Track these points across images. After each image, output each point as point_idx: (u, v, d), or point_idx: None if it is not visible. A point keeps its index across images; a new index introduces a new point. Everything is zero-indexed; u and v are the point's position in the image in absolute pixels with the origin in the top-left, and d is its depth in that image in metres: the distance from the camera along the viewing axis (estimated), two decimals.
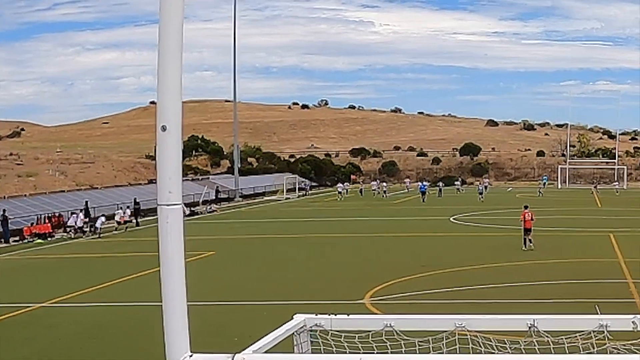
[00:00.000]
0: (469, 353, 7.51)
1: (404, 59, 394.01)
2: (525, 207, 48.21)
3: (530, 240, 45.12)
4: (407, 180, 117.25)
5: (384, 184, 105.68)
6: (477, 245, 46.29)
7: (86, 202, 66.06)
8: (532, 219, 46.25)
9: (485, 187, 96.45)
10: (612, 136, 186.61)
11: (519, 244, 45.70)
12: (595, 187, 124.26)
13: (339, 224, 62.21)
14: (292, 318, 8.02)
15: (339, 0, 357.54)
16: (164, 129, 5.58)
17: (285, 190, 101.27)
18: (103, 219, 61.88)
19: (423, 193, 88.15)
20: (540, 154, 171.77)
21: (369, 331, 8.11)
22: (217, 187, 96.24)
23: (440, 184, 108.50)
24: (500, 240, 48.85)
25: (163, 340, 5.79)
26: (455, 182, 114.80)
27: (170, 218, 5.69)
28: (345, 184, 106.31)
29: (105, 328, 24.71)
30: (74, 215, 60.37)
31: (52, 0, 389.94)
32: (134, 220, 64.54)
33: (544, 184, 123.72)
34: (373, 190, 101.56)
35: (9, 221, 56.09)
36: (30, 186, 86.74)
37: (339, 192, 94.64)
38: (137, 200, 67.46)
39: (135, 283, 33.54)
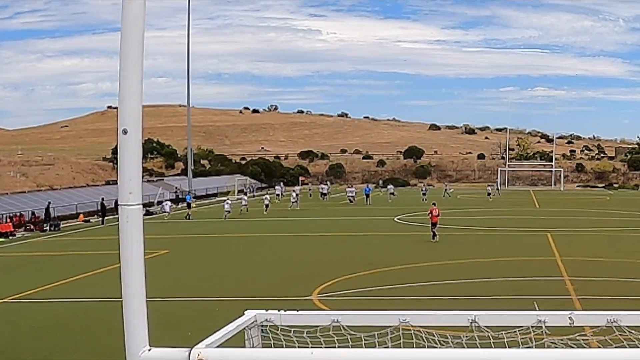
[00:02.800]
0: (413, 347, 7.61)
1: (350, 66, 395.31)
2: (434, 204, 51.52)
3: (435, 233, 48.22)
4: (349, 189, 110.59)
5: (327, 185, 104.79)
6: (420, 244, 46.46)
7: (48, 202, 65.77)
8: (438, 215, 49.75)
9: (425, 192, 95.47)
10: (549, 140, 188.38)
11: (460, 242, 46.08)
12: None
13: (287, 224, 62.19)
14: (243, 314, 8.04)
15: (287, 10, 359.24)
16: (125, 132, 5.62)
17: (236, 191, 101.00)
18: (169, 202, 71.53)
19: (367, 196, 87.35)
20: (481, 156, 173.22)
21: (317, 326, 8.17)
22: (176, 188, 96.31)
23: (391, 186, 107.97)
24: (441, 239, 49.15)
25: (123, 334, 5.84)
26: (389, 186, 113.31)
27: (130, 217, 5.73)
28: (296, 187, 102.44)
29: (65, 323, 24.62)
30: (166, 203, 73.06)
31: (14, 10, 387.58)
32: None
33: (498, 188, 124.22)
34: (322, 192, 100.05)
35: None
36: None
37: (277, 195, 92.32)
38: (104, 201, 66.59)
39: (96, 279, 33.34)
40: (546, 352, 6.01)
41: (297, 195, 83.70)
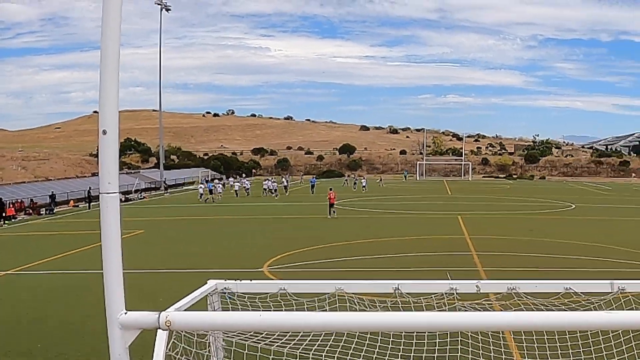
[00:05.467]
0: (347, 310, 7.67)
1: (294, 77, 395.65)
2: (330, 189, 55.77)
3: (333, 211, 52.31)
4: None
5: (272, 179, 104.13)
6: (354, 225, 46.52)
7: (52, 192, 66.53)
8: (334, 197, 53.91)
9: (360, 183, 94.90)
10: (459, 138, 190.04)
11: (385, 223, 46.27)
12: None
13: (244, 208, 62.01)
14: (206, 283, 8.09)
15: (242, 31, 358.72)
16: (104, 132, 5.61)
17: (200, 181, 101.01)
18: (221, 185, 73.95)
19: (312, 186, 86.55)
20: (403, 152, 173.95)
21: (267, 293, 8.23)
22: (152, 181, 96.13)
23: (347, 177, 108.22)
24: (371, 221, 49.30)
25: (104, 300, 5.83)
26: (348, 176, 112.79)
27: (109, 203, 5.71)
28: (246, 179, 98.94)
29: (57, 291, 24.47)
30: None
31: (15, 31, 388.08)
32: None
33: (405, 176, 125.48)
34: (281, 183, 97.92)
35: None
36: None
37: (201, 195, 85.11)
38: (91, 190, 66.19)
39: (83, 255, 33.04)
40: (457, 314, 6.07)
41: (250, 185, 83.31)
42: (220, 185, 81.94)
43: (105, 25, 5.58)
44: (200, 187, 76.80)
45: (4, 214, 54.14)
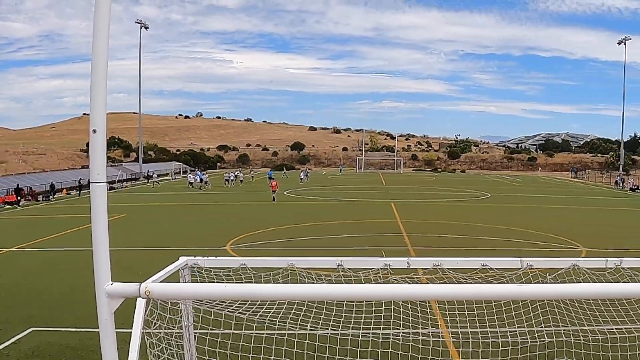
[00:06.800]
0: (297, 283, 7.76)
1: (253, 86, 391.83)
2: (272, 179, 61.44)
3: (274, 198, 54.36)
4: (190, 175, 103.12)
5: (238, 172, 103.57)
6: (301, 210, 46.51)
7: (51, 182, 65.90)
8: (276, 186, 56.97)
9: (307, 174, 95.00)
10: (392, 137, 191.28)
11: (330, 209, 46.36)
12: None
13: (209, 196, 61.60)
14: (178, 259, 8.13)
15: (208, 46, 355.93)
16: (94, 131, 5.66)
17: (173, 173, 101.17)
18: (206, 176, 74.92)
19: (270, 178, 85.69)
20: (345, 149, 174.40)
21: (230, 268, 8.29)
22: (132, 173, 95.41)
23: (285, 170, 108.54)
24: (317, 207, 49.34)
25: (93, 273, 5.88)
26: (284, 170, 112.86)
27: (98, 191, 5.76)
28: (204, 173, 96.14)
29: (53, 265, 24.19)
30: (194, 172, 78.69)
31: (17, 46, 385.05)
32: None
33: (341, 170, 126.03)
34: (227, 177, 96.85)
35: None
36: (2, 170, 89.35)
37: (190, 183, 76.13)
38: (81, 180, 65.62)
39: (74, 234, 32.66)
40: (391, 286, 6.20)
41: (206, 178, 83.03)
42: (202, 175, 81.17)
43: (95, 41, 5.65)
44: (190, 177, 77.05)
45: (19, 198, 55.31)
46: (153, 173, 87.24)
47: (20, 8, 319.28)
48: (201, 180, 75.15)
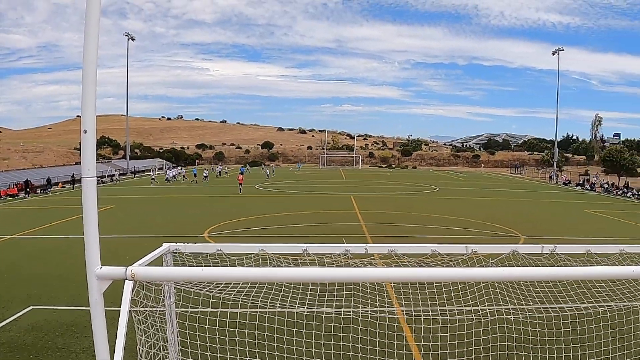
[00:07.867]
0: (268, 266, 7.77)
1: (228, 91, 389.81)
2: (241, 172, 63.18)
3: (240, 189, 55.71)
4: (219, 166, 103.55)
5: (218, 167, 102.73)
6: (270, 202, 46.40)
7: (48, 177, 64.97)
8: (242, 179, 58.70)
9: (273, 170, 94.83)
10: (352, 137, 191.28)
11: (296, 201, 46.30)
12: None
13: (186, 189, 61.22)
14: (161, 245, 8.09)
15: (188, 56, 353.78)
16: (85, 132, 5.61)
17: (156, 169, 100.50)
18: (173, 171, 76.08)
19: (242, 173, 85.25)
20: (309, 147, 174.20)
21: (207, 253, 8.26)
22: (120, 169, 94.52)
23: (248, 166, 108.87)
24: (284, 199, 49.24)
25: (84, 257, 5.84)
26: (247, 165, 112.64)
27: (88, 185, 5.71)
28: (179, 168, 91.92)
29: (49, 251, 23.97)
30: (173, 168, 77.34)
31: (18, 55, 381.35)
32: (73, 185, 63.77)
33: (299, 167, 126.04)
34: (218, 171, 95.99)
35: None
36: (4, 165, 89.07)
37: (167, 179, 75.23)
38: (74, 175, 65.12)
39: (68, 223, 32.30)
40: (351, 269, 6.23)
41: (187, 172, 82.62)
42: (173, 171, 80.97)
43: (86, 51, 5.63)
44: (184, 170, 77.93)
45: (28, 189, 55.24)
46: (152, 171, 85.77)
47: (21, 22, 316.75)
48: (195, 174, 76.72)
